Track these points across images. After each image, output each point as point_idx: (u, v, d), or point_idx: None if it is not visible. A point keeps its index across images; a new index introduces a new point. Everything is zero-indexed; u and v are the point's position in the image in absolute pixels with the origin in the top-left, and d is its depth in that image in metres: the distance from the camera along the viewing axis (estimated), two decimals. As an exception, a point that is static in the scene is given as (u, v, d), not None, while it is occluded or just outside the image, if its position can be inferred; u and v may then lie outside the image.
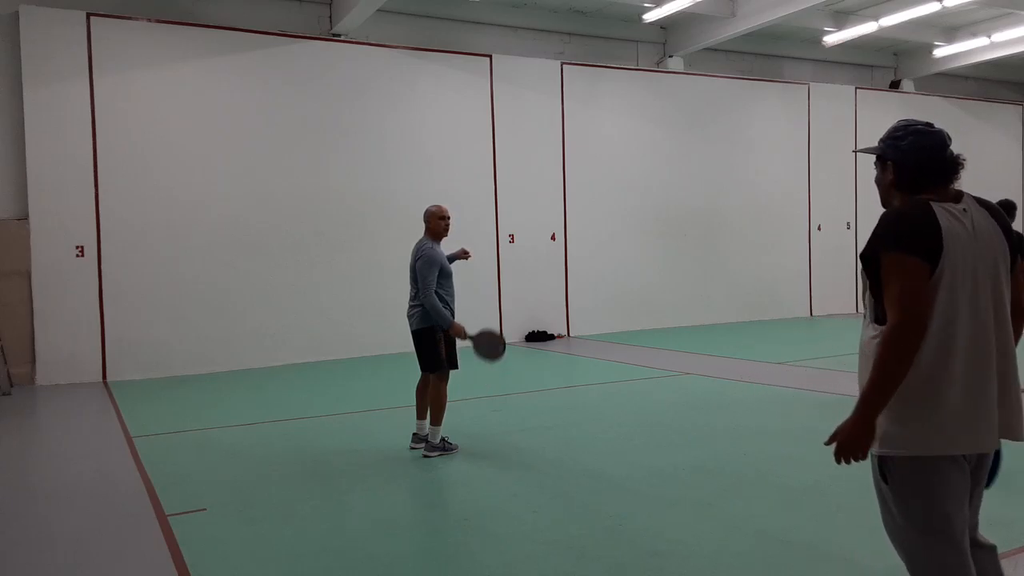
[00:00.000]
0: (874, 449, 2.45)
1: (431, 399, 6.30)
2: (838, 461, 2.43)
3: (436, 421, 6.26)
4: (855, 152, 3.04)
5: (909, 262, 2.32)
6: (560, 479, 5.59)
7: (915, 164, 2.48)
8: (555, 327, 14.19)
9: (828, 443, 2.46)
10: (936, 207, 2.39)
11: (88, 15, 10.72)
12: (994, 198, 2.99)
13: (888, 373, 2.31)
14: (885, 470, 2.47)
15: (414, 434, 6.54)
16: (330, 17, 12.53)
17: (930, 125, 2.55)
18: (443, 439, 6.31)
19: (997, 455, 2.61)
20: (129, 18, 11.03)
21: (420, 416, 6.53)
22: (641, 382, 9.55)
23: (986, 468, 2.58)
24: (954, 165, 2.49)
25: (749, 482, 5.33)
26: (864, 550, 4.05)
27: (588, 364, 11.50)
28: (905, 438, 2.40)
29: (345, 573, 4.07)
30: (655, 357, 11.44)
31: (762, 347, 12.23)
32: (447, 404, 6.31)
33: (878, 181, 2.63)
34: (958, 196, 2.49)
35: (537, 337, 13.85)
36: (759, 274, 15.98)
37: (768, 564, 3.99)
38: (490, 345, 6.23)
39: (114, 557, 4.38)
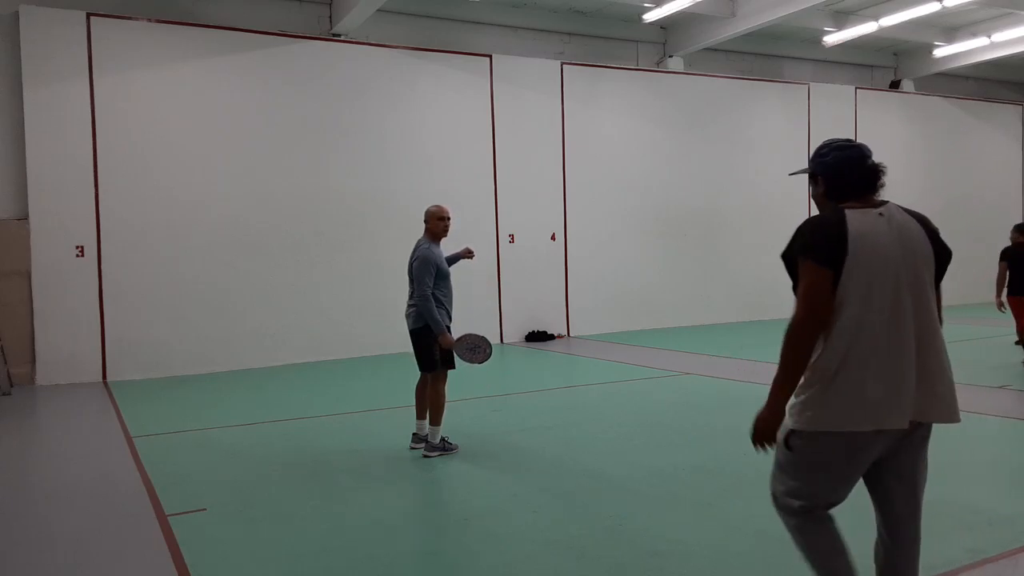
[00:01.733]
0: (787, 423, 2.73)
1: (430, 399, 6.29)
2: (755, 446, 2.77)
3: (435, 421, 6.26)
4: (791, 175, 3.28)
5: (813, 268, 2.63)
6: (560, 479, 5.59)
7: (837, 175, 2.79)
8: (555, 327, 14.19)
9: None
10: (850, 213, 2.68)
11: (88, 15, 10.73)
12: (994, 197, 3.02)
13: (788, 363, 2.65)
14: (791, 442, 2.73)
15: (414, 434, 6.54)
16: (330, 17, 12.53)
17: (850, 141, 2.85)
18: (443, 439, 6.31)
19: None
20: (129, 18, 11.03)
21: (420, 416, 6.53)
22: (641, 382, 9.55)
23: (913, 466, 2.80)
24: (874, 174, 2.77)
25: (749, 482, 5.32)
26: (864, 550, 4.04)
27: (588, 364, 11.50)
28: (816, 416, 2.66)
29: (345, 573, 4.07)
30: (655, 357, 11.44)
31: (762, 347, 12.23)
32: (446, 404, 6.31)
33: (813, 196, 2.92)
34: (880, 204, 2.76)
35: (537, 337, 13.85)
36: (759, 274, 15.96)
37: (768, 564, 3.99)
38: (472, 349, 6.22)
39: (114, 557, 4.38)
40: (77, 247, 10.69)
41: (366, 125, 12.59)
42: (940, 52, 16.96)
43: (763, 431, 2.73)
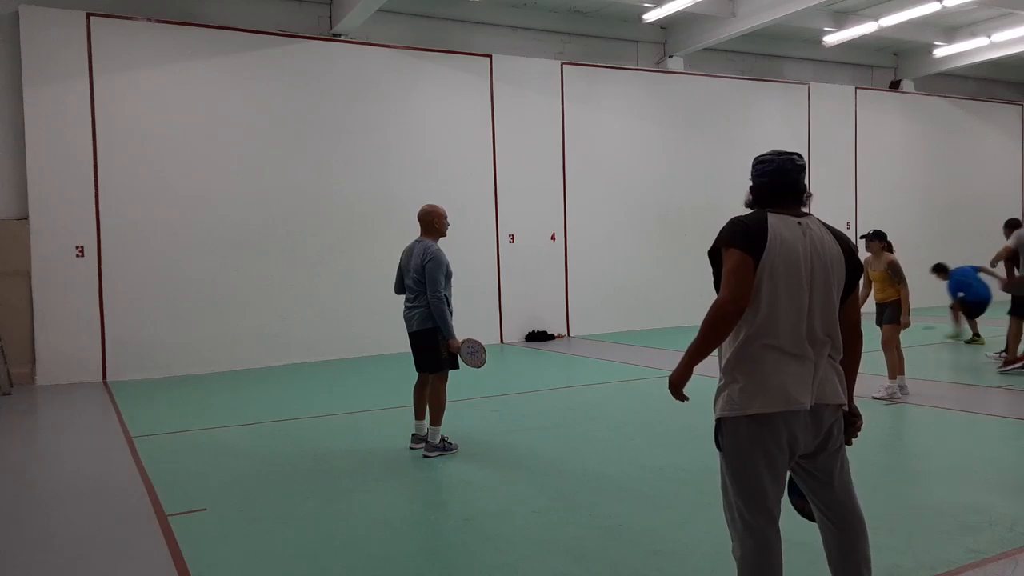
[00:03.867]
0: (715, 413, 3.04)
1: (431, 399, 6.29)
2: (673, 396, 3.14)
3: (436, 421, 6.26)
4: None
5: (737, 254, 2.87)
6: (560, 479, 5.59)
7: (758, 185, 3.08)
8: (555, 327, 14.19)
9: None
10: (771, 216, 2.92)
11: (88, 15, 10.73)
12: (994, 197, 3.06)
13: (707, 335, 2.95)
14: (719, 434, 3.03)
15: (413, 434, 6.54)
16: (330, 17, 12.53)
17: (780, 153, 3.07)
18: (443, 439, 6.31)
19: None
20: (129, 18, 11.03)
21: (419, 416, 6.53)
22: (641, 382, 9.55)
23: (830, 451, 2.97)
24: (795, 187, 3.00)
25: (749, 482, 5.32)
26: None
27: (588, 364, 11.49)
28: (732, 402, 2.96)
29: (345, 573, 4.07)
30: (655, 357, 11.44)
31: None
32: (447, 404, 6.32)
33: (745, 203, 3.19)
34: (801, 215, 2.98)
35: (537, 337, 13.85)
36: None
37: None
38: (472, 352, 6.23)
39: (114, 557, 4.38)
40: (77, 247, 10.69)
41: (366, 125, 12.59)
42: (940, 52, 16.96)
43: (675, 386, 3.15)
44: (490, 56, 13.65)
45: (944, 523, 4.45)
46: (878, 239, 8.07)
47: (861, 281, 3.02)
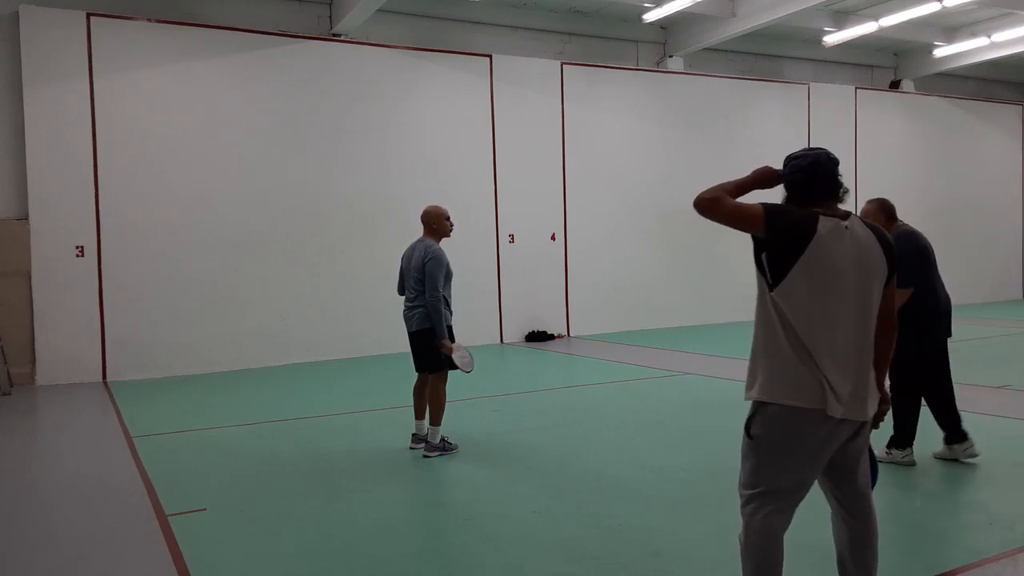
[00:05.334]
0: (751, 395, 2.94)
1: (431, 399, 6.29)
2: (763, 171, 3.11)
3: (436, 421, 6.26)
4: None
5: (756, 209, 2.87)
6: (560, 479, 5.59)
7: (792, 181, 3.02)
8: (555, 327, 14.19)
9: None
10: (822, 219, 2.86)
11: (88, 15, 10.73)
12: (994, 197, 3.07)
13: (721, 186, 3.00)
14: (752, 419, 2.94)
15: (413, 434, 6.54)
16: (330, 17, 12.53)
17: (811, 149, 3.05)
18: (443, 439, 6.31)
19: (872, 460, 3.13)
20: (129, 18, 11.03)
21: (418, 416, 6.53)
22: (641, 382, 9.55)
23: (857, 453, 2.99)
24: (829, 182, 2.96)
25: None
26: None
27: (588, 364, 11.49)
28: (772, 391, 2.88)
29: (345, 573, 4.07)
30: (655, 357, 11.44)
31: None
32: (447, 404, 6.31)
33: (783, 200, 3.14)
34: (845, 215, 2.94)
35: (537, 337, 13.85)
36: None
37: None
38: (461, 358, 6.21)
39: (114, 557, 4.38)
40: (77, 247, 10.69)
41: (366, 125, 12.59)
42: (940, 52, 16.96)
43: (762, 172, 3.12)
44: (490, 56, 13.65)
45: (944, 523, 4.45)
46: None
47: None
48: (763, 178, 3.11)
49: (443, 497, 5.55)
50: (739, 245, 16.57)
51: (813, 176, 2.96)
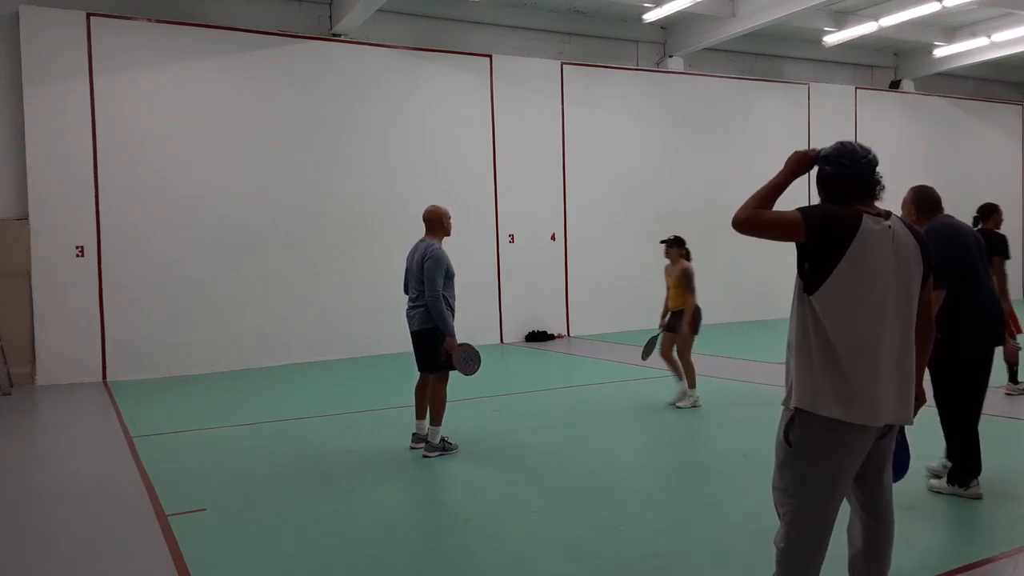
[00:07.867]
0: (791, 403, 2.83)
1: (431, 399, 6.29)
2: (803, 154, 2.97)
3: (436, 421, 6.25)
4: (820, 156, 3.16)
5: (796, 216, 2.77)
6: (560, 479, 5.59)
7: (828, 177, 2.92)
8: (555, 327, 14.19)
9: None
10: (866, 218, 2.79)
11: (88, 15, 10.72)
12: (994, 197, 3.06)
13: (756, 197, 2.89)
14: (790, 426, 2.83)
15: (414, 434, 6.54)
16: (330, 17, 12.53)
17: (845, 143, 2.95)
18: (443, 439, 6.31)
19: (901, 450, 3.11)
20: (129, 18, 11.03)
21: (419, 416, 6.53)
22: (641, 382, 9.55)
23: (886, 453, 2.96)
24: (866, 179, 2.88)
25: (749, 482, 5.32)
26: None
27: (588, 364, 11.49)
28: (811, 398, 2.77)
29: (345, 573, 4.07)
30: (655, 357, 11.41)
31: (762, 347, 12.22)
32: (447, 404, 6.31)
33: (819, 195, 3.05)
34: (886, 215, 2.87)
35: (537, 337, 13.85)
36: (759, 274, 15.95)
37: (768, 564, 3.98)
38: (466, 359, 6.20)
39: (114, 557, 4.38)
40: (77, 247, 10.69)
41: (366, 125, 12.59)
42: (940, 52, 16.96)
43: (800, 157, 2.97)
44: (490, 56, 13.65)
45: (944, 523, 4.45)
46: (677, 246, 8.47)
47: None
48: (798, 165, 2.97)
49: (443, 497, 5.55)
50: (739, 246, 16.51)
51: (854, 175, 2.87)
